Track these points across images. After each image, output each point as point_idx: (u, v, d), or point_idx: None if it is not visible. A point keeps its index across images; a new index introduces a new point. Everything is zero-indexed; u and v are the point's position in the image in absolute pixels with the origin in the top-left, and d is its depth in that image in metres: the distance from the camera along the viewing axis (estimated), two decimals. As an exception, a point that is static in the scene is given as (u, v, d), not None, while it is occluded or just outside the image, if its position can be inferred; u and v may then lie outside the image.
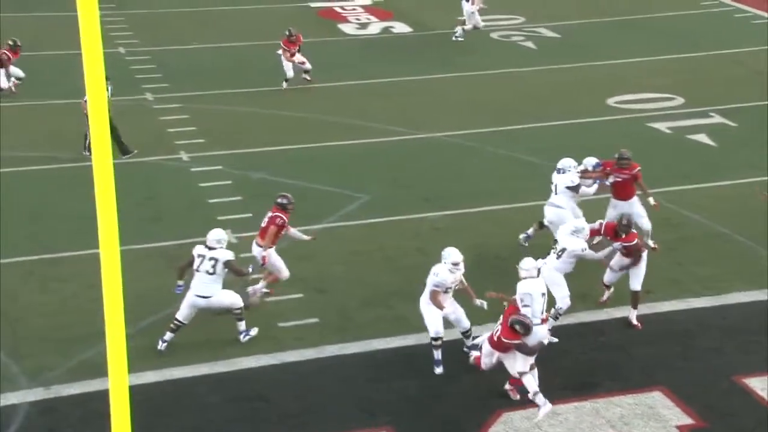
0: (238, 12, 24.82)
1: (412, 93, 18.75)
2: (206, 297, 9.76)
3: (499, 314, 9.03)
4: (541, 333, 8.90)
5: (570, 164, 11.79)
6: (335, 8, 25.46)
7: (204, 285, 9.77)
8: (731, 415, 8.88)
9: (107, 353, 4.35)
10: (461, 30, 22.29)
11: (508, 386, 9.07)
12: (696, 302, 10.94)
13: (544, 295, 9.07)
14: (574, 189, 11.64)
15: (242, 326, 10.03)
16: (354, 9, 25.43)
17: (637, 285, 10.33)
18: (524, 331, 8.63)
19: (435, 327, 9.43)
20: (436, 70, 20.01)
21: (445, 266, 9.39)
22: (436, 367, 9.48)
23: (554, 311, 10.04)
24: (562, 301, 10.13)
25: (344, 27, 23.67)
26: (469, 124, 16.78)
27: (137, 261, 11.39)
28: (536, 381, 8.76)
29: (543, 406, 8.61)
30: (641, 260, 10.29)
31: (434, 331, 9.44)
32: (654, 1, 25.33)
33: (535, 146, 15.73)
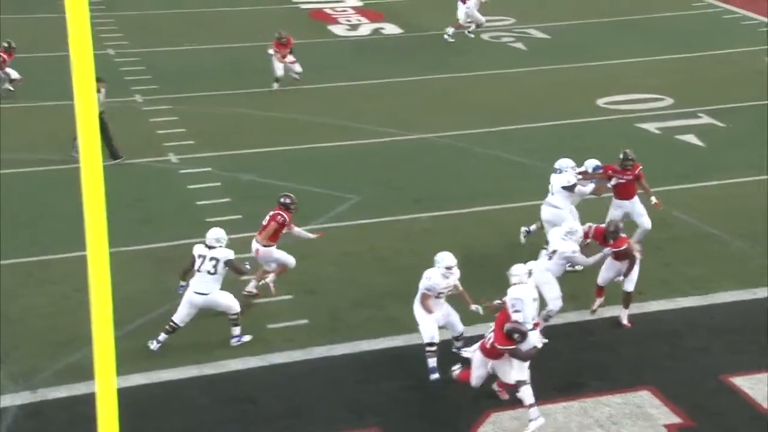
0: (228, 14, 24.78)
1: (403, 94, 18.75)
2: (204, 294, 9.77)
3: (494, 317, 8.98)
4: (534, 338, 8.88)
5: (567, 164, 11.80)
6: (326, 10, 25.44)
7: (204, 283, 9.79)
8: (719, 414, 8.92)
9: (95, 356, 4.33)
10: (453, 30, 22.30)
11: (497, 387, 9.07)
12: (684, 302, 10.97)
13: (536, 300, 9.04)
14: (570, 189, 11.65)
15: (236, 331, 10.02)
16: (345, 10, 25.41)
17: (630, 286, 10.34)
18: (521, 339, 8.57)
19: (430, 333, 9.29)
20: (427, 72, 20.00)
21: (438, 270, 9.30)
22: (431, 375, 9.29)
23: (545, 313, 10.02)
24: (553, 303, 10.13)
25: (335, 28, 23.66)
26: (461, 125, 16.79)
27: (125, 263, 11.35)
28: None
29: (535, 420, 8.56)
30: (636, 264, 10.29)
31: (429, 337, 9.28)
32: (644, 3, 25.39)
33: (527, 147, 15.74)
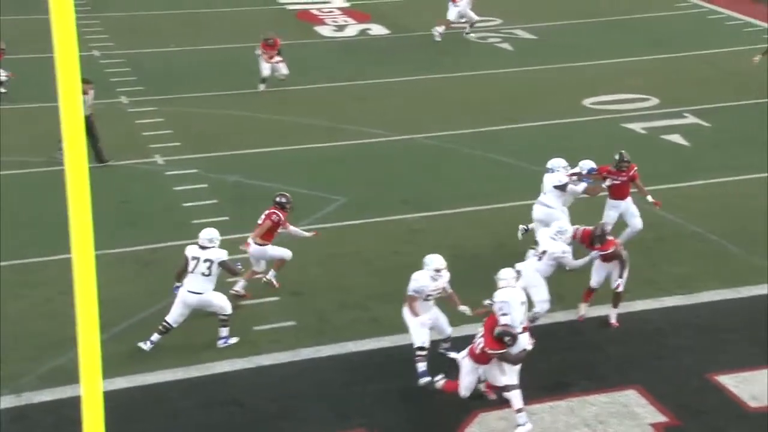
0: (215, 15, 24.72)
1: (390, 95, 18.75)
2: (198, 293, 9.76)
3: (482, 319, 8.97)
4: (524, 341, 8.88)
5: (559, 164, 11.82)
6: (312, 11, 25.41)
7: (197, 283, 9.79)
8: (704, 413, 8.95)
9: (80, 359, 4.30)
10: (442, 29, 22.28)
11: (484, 387, 9.07)
12: (669, 301, 11.01)
13: (524, 304, 9.03)
14: (562, 188, 11.67)
15: (224, 332, 9.99)
16: (331, 11, 25.39)
17: (621, 286, 10.33)
18: (512, 342, 8.54)
19: (421, 338, 9.22)
20: (414, 72, 19.99)
21: (427, 273, 9.25)
22: (420, 379, 9.20)
23: (531, 315, 9.97)
24: (540, 306, 10.13)
25: (321, 29, 23.62)
26: (447, 126, 16.80)
27: (111, 265, 11.30)
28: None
29: (524, 426, 8.55)
30: (626, 264, 10.31)
31: (420, 342, 9.21)
32: (629, 3, 25.49)
33: (514, 147, 15.77)
